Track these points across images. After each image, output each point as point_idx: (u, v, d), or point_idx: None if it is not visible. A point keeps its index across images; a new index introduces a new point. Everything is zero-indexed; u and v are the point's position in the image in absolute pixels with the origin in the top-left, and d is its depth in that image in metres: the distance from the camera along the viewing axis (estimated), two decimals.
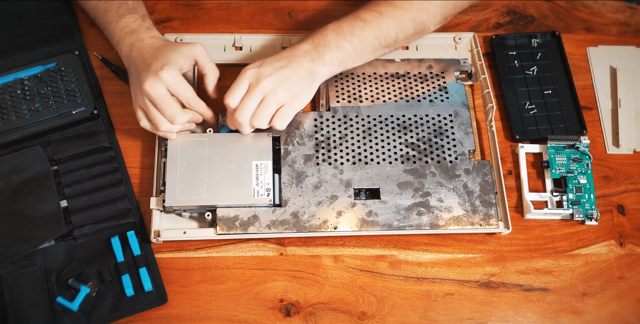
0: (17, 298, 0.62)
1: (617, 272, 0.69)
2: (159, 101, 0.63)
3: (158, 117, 0.64)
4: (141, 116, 0.66)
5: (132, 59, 0.66)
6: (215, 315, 0.64)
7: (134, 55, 0.66)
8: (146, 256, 0.66)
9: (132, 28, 0.69)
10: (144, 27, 0.69)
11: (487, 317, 0.66)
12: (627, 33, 0.85)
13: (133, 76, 0.66)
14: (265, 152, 0.67)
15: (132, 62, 0.67)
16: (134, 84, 0.66)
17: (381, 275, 0.67)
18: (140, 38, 0.67)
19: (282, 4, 0.84)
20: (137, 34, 0.68)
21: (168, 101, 0.63)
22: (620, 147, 0.76)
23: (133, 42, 0.67)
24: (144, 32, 0.68)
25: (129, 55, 0.67)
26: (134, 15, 0.70)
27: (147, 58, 0.65)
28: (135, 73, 0.66)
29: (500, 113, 0.78)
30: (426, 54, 0.80)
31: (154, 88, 0.62)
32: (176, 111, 0.64)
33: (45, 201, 0.66)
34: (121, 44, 0.68)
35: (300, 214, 0.66)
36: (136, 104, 0.66)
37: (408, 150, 0.70)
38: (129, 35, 0.68)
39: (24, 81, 0.72)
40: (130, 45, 0.67)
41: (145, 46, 0.66)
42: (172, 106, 0.63)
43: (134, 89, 0.66)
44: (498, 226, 0.67)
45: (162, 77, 0.62)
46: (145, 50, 0.66)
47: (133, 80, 0.66)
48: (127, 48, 0.67)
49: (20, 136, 0.69)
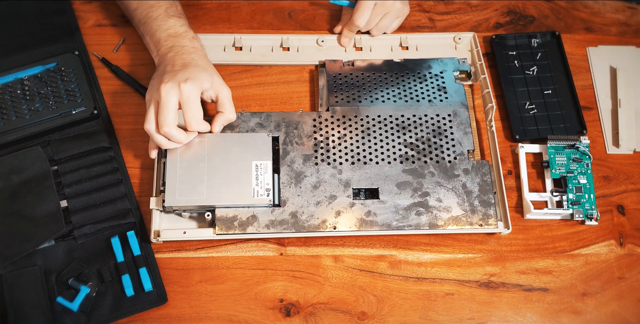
0: (17, 298, 0.62)
1: (617, 272, 0.69)
2: (164, 106, 0.63)
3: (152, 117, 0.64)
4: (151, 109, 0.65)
5: (167, 59, 0.68)
6: (215, 315, 0.64)
7: (170, 57, 0.68)
8: (146, 256, 0.66)
9: (178, 32, 0.70)
10: (189, 36, 0.71)
11: (487, 317, 0.66)
12: (627, 33, 0.85)
13: (159, 73, 0.67)
14: (265, 152, 0.68)
15: (165, 62, 0.68)
16: (155, 79, 0.67)
17: (381, 275, 0.67)
18: (182, 44, 0.69)
19: (282, 4, 0.84)
20: (180, 39, 0.70)
21: (171, 111, 0.63)
22: (620, 147, 0.76)
23: (174, 45, 0.69)
24: (188, 40, 0.70)
25: (164, 54, 0.68)
26: (182, 20, 0.72)
27: (177, 65, 0.66)
28: (162, 71, 0.66)
29: (500, 113, 0.78)
30: (426, 54, 0.80)
31: (168, 93, 0.62)
32: (171, 122, 0.63)
33: (45, 201, 0.66)
34: (162, 43, 0.69)
35: (299, 214, 0.66)
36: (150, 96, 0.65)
37: (407, 150, 0.70)
38: (173, 38, 0.70)
39: (24, 81, 0.72)
40: (171, 47, 0.69)
41: (183, 53, 0.68)
42: (171, 115, 0.63)
43: (153, 83, 0.66)
44: (497, 226, 0.67)
45: (181, 88, 0.63)
46: (181, 58, 0.67)
47: (157, 76, 0.67)
48: (166, 49, 0.69)
49: (20, 136, 0.70)
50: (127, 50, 0.78)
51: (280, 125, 0.70)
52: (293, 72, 0.79)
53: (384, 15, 0.78)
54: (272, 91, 0.77)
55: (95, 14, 0.81)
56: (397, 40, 0.80)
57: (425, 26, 0.84)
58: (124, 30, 0.80)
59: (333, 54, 0.79)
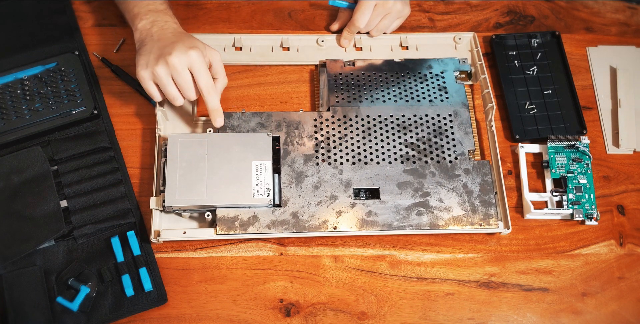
0: (17, 298, 0.62)
1: (617, 272, 0.69)
2: (180, 74, 0.64)
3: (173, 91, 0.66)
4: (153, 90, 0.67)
5: (152, 34, 0.68)
6: (215, 315, 0.64)
7: (155, 31, 0.68)
8: (146, 256, 0.66)
9: (159, 9, 0.71)
10: (170, 14, 0.71)
11: (487, 317, 0.66)
12: (627, 33, 0.85)
13: (146, 49, 0.67)
14: (265, 152, 0.67)
15: (150, 37, 0.68)
16: (145, 54, 0.66)
17: (381, 275, 0.67)
18: (164, 19, 0.70)
19: (282, 4, 0.84)
20: (162, 15, 0.70)
21: (188, 76, 0.65)
22: (620, 147, 0.76)
23: (156, 20, 0.69)
24: (170, 17, 0.71)
25: (146, 29, 0.69)
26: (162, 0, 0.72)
27: (170, 38, 0.67)
28: (151, 47, 0.67)
29: (500, 113, 0.78)
30: (426, 54, 0.80)
31: (181, 62, 0.64)
32: (192, 86, 0.66)
33: (45, 201, 0.66)
34: (141, 17, 0.70)
35: (300, 214, 0.66)
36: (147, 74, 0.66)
37: (408, 150, 0.70)
38: (153, 13, 0.70)
39: (24, 81, 0.72)
40: (152, 21, 0.69)
41: (168, 28, 0.69)
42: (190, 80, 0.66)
43: (146, 58, 0.66)
44: (498, 226, 0.67)
45: (190, 55, 0.64)
46: (168, 31, 0.68)
47: (145, 51, 0.67)
48: (148, 23, 0.69)
49: (20, 136, 0.70)
50: (127, 50, 0.78)
51: (281, 125, 0.70)
52: (293, 72, 0.79)
53: (385, 16, 0.78)
54: (272, 91, 0.77)
55: (95, 14, 0.81)
56: (397, 40, 0.80)
57: (425, 26, 0.84)
58: (124, 30, 0.79)
59: (333, 54, 0.79)
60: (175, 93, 0.66)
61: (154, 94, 0.67)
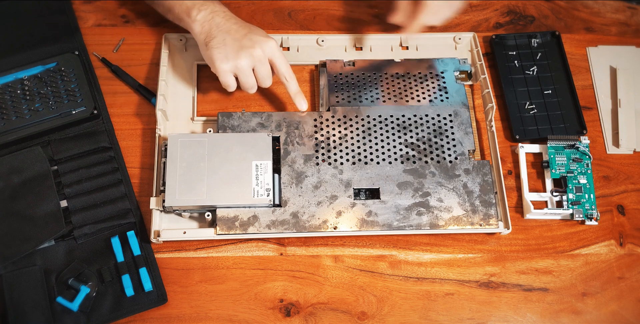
0: (17, 298, 0.62)
1: (617, 272, 0.69)
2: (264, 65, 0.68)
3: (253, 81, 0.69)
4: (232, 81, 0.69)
5: (217, 25, 0.69)
6: (215, 315, 0.64)
7: (219, 23, 0.69)
8: (146, 256, 0.66)
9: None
10: (221, 3, 0.72)
11: (487, 317, 0.66)
12: (627, 33, 0.85)
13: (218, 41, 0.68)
14: (265, 152, 0.67)
15: (217, 28, 0.68)
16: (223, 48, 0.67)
17: (381, 275, 0.67)
18: (222, 9, 0.71)
19: (282, 4, 0.84)
20: (217, 5, 0.71)
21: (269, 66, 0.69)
22: (620, 147, 0.76)
23: (215, 10, 0.70)
24: (224, 6, 0.71)
25: (207, 20, 0.69)
26: None
27: (239, 29, 0.69)
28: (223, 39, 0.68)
29: (500, 113, 0.78)
30: (426, 54, 0.80)
31: (265, 53, 0.67)
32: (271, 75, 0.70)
33: (45, 201, 0.66)
34: (198, 8, 0.70)
35: (300, 214, 0.66)
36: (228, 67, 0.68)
37: (408, 150, 0.70)
38: (209, 3, 0.70)
39: (24, 81, 0.72)
40: (212, 12, 0.70)
41: (230, 18, 0.70)
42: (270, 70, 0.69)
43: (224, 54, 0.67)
44: (498, 226, 0.67)
45: (270, 46, 0.68)
46: (231, 22, 0.70)
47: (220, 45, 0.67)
48: (207, 14, 0.69)
49: (20, 136, 0.69)
50: (127, 50, 0.78)
51: (282, 125, 0.70)
52: (293, 72, 0.78)
53: None
54: (272, 91, 0.77)
55: (95, 14, 0.81)
56: (397, 40, 0.80)
57: None
58: (124, 30, 0.79)
59: (333, 54, 0.79)
60: (254, 83, 0.70)
61: (231, 84, 0.69)
